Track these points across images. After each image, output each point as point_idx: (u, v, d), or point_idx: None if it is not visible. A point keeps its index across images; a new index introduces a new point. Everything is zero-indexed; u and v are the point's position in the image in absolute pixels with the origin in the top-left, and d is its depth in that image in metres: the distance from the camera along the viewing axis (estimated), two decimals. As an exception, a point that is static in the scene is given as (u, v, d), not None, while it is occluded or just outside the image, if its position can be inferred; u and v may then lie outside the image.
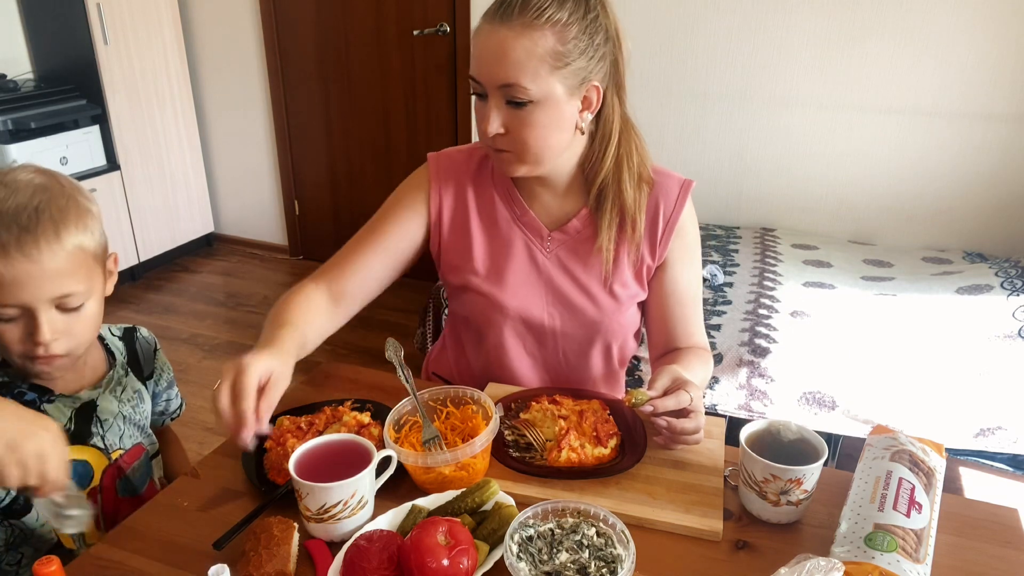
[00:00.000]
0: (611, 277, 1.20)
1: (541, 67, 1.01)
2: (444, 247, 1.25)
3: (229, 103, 3.82)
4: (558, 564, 0.79)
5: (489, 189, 1.22)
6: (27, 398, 0.98)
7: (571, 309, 1.22)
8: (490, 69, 1.03)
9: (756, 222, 2.99)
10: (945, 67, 2.57)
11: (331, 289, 1.19)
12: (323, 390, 1.21)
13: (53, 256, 0.90)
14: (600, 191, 1.16)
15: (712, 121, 2.93)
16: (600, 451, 1.00)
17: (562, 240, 1.21)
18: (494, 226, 1.22)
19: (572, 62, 1.03)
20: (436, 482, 0.94)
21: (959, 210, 2.72)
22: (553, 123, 1.06)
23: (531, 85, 1.02)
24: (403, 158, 3.54)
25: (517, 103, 1.04)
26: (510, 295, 1.21)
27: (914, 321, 2.07)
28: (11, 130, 2.98)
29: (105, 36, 3.24)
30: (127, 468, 1.09)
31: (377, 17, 3.33)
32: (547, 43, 1.01)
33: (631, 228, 1.18)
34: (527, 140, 1.07)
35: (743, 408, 1.93)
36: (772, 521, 0.92)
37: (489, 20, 1.03)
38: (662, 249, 1.20)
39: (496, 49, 1.01)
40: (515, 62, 1.01)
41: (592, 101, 1.09)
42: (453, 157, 1.25)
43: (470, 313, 1.26)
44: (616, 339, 1.26)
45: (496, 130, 1.06)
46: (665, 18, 2.86)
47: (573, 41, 1.02)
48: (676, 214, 1.19)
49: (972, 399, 1.83)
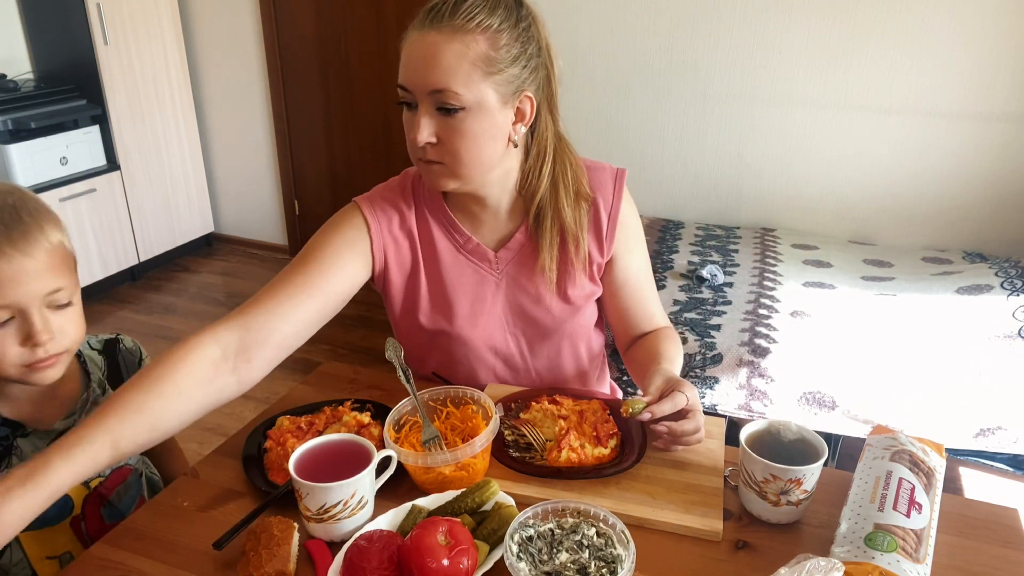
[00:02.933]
0: (562, 285, 1.19)
1: (473, 72, 0.99)
2: (393, 294, 1.19)
3: (229, 103, 3.82)
4: (558, 564, 0.79)
5: (426, 223, 1.17)
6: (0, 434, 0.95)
7: (531, 323, 1.22)
8: (420, 75, 1.00)
9: (756, 222, 2.99)
10: (945, 67, 2.57)
11: (244, 338, 0.98)
12: (323, 390, 1.21)
13: (42, 251, 0.89)
14: (539, 211, 1.15)
15: (712, 121, 2.93)
16: (600, 451, 1.00)
17: (508, 258, 1.19)
18: (437, 261, 1.18)
19: (505, 69, 1.01)
20: (436, 482, 0.94)
21: (959, 210, 2.72)
22: (486, 132, 1.03)
23: (463, 90, 0.99)
24: (403, 158, 3.53)
25: (448, 109, 1.01)
26: (469, 328, 1.19)
27: (914, 321, 2.07)
28: (11, 130, 2.98)
29: (105, 36, 3.24)
30: (109, 494, 1.06)
31: (377, 17, 3.33)
32: (479, 48, 0.99)
33: (574, 246, 1.16)
34: (459, 150, 1.03)
35: (743, 408, 1.93)
36: (772, 521, 0.92)
37: (418, 27, 1.02)
38: (608, 245, 1.20)
39: (426, 54, 0.99)
40: (447, 67, 0.99)
41: (526, 113, 1.07)
42: (385, 196, 1.17)
43: (435, 352, 1.23)
44: (581, 339, 1.27)
45: (427, 139, 1.02)
46: (665, 18, 2.86)
47: (505, 47, 1.01)
48: (616, 208, 1.19)
49: (972, 399, 1.83)
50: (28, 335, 0.89)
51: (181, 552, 0.87)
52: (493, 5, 1.01)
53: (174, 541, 0.89)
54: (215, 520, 0.92)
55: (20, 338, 0.89)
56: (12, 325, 0.89)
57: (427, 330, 1.20)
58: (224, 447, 1.07)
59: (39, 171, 3.08)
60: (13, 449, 0.96)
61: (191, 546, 0.88)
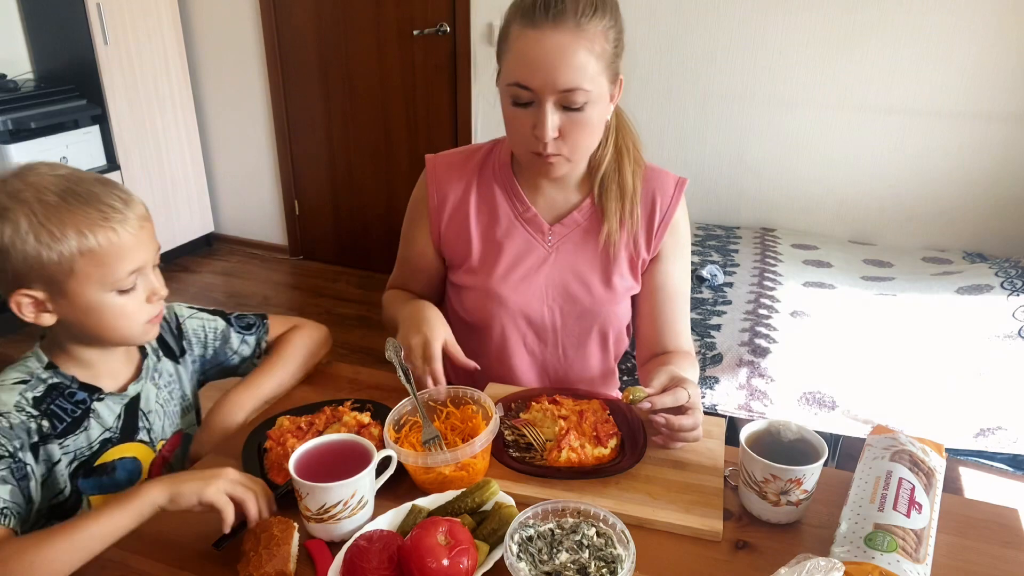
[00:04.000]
0: (612, 265, 1.21)
1: (598, 69, 1.02)
2: (446, 245, 1.26)
3: (229, 103, 3.82)
4: (558, 564, 0.79)
5: (491, 186, 1.23)
6: (78, 397, 0.99)
7: (570, 301, 1.23)
8: (549, 76, 1.01)
9: (756, 222, 2.99)
10: (945, 67, 2.57)
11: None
12: (323, 390, 1.21)
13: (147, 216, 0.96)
14: (603, 180, 1.18)
15: (712, 121, 2.93)
16: (600, 451, 1.00)
17: (563, 233, 1.22)
18: (495, 224, 1.23)
19: (615, 60, 1.05)
20: (436, 482, 0.94)
21: (959, 210, 2.72)
22: (600, 119, 1.09)
23: (591, 87, 1.02)
24: (403, 158, 3.55)
25: (574, 108, 1.04)
26: (509, 289, 1.22)
27: (914, 321, 2.07)
28: (11, 130, 2.98)
29: (105, 36, 3.24)
30: (171, 457, 1.11)
31: (377, 17, 3.33)
32: (600, 44, 1.02)
33: (629, 215, 1.19)
34: (580, 141, 1.08)
35: (743, 408, 1.93)
36: (772, 521, 0.92)
37: (534, 24, 1.01)
38: (656, 242, 1.22)
39: (555, 55, 1.00)
40: (578, 67, 1.00)
41: (615, 94, 1.11)
42: (451, 158, 1.26)
43: (471, 311, 1.26)
44: (612, 327, 1.27)
45: (554, 135, 1.05)
46: (665, 18, 2.86)
47: (615, 40, 1.04)
48: (672, 210, 1.21)
49: (972, 399, 1.83)
50: (152, 291, 0.96)
51: (181, 552, 0.87)
52: (602, 2, 1.03)
53: (174, 541, 0.89)
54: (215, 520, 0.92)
55: (145, 295, 0.96)
56: (139, 285, 0.95)
57: (470, 286, 1.24)
58: (224, 447, 1.07)
59: (39, 171, 3.08)
60: (90, 412, 1.01)
61: (191, 546, 0.88)
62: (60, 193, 0.89)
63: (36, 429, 0.94)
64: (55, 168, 0.93)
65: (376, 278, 3.72)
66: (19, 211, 0.87)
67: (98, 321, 0.93)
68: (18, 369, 0.98)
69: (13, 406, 0.93)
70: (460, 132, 3.37)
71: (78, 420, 0.99)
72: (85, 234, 0.88)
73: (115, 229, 0.90)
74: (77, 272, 0.89)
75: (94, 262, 0.89)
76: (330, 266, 3.88)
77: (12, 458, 0.90)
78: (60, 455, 0.98)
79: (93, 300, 0.91)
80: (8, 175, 0.91)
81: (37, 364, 0.99)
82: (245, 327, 1.21)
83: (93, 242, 0.89)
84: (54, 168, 0.93)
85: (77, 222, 0.88)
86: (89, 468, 1.01)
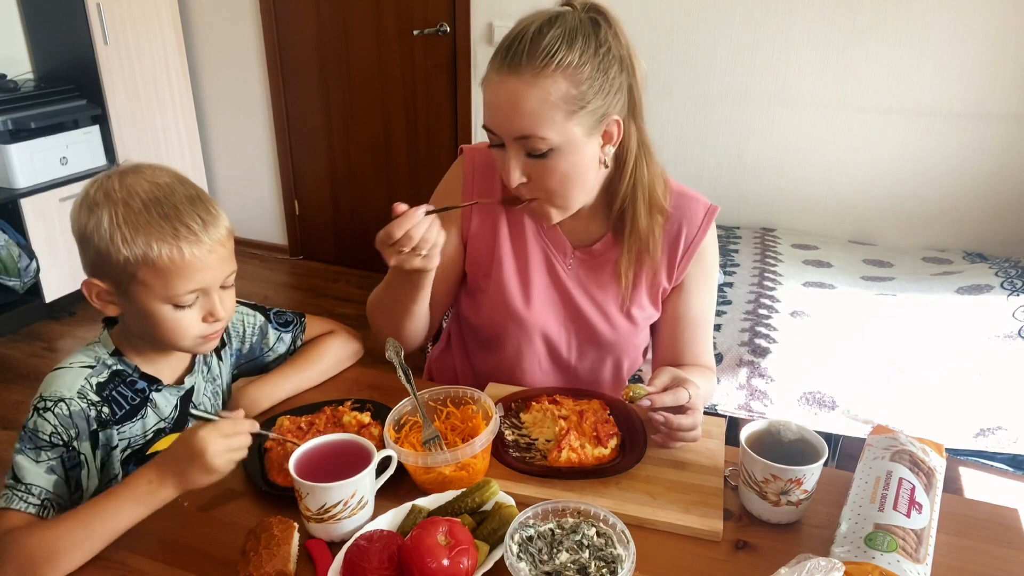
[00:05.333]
0: (628, 301, 1.19)
1: (556, 114, 0.97)
2: (472, 248, 1.22)
3: (229, 103, 3.82)
4: (558, 564, 0.79)
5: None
6: (138, 386, 1.03)
7: (588, 328, 1.21)
8: (504, 121, 1.00)
9: (756, 222, 2.99)
10: (945, 67, 2.57)
11: None
12: (323, 390, 1.21)
13: (225, 239, 0.99)
14: (620, 213, 1.15)
15: (712, 121, 2.93)
16: (600, 451, 1.00)
17: (584, 259, 1.19)
18: (521, 236, 1.19)
19: (588, 103, 0.99)
20: (436, 482, 0.94)
21: (959, 210, 2.72)
22: (576, 166, 1.03)
23: (549, 134, 0.98)
24: (403, 158, 3.54)
25: (537, 154, 1.01)
26: (532, 309, 1.20)
27: (914, 321, 2.07)
28: (11, 130, 2.98)
29: (105, 36, 3.24)
30: None
31: (377, 17, 3.33)
32: (560, 89, 0.96)
33: (647, 255, 1.16)
34: (551, 187, 1.04)
35: (743, 408, 1.93)
36: (772, 521, 0.91)
37: (496, 69, 0.99)
38: (679, 272, 1.19)
39: (508, 100, 0.98)
40: (529, 113, 0.97)
41: (613, 135, 1.05)
42: (489, 155, 1.20)
43: (487, 322, 1.24)
44: (628, 358, 1.27)
45: (519, 180, 1.03)
46: (665, 18, 2.85)
47: (587, 82, 0.98)
48: (699, 239, 1.18)
49: (972, 399, 1.83)
50: (209, 312, 0.98)
51: (181, 552, 0.88)
52: (571, 37, 0.97)
53: (174, 541, 0.89)
54: (215, 520, 0.92)
55: (204, 313, 0.98)
56: (197, 304, 0.97)
57: (489, 297, 1.21)
58: (224, 447, 1.07)
59: (39, 171, 3.08)
60: (148, 402, 1.04)
61: (191, 546, 0.88)
62: (146, 202, 0.92)
63: (96, 416, 0.97)
64: (158, 174, 0.96)
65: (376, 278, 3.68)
66: (106, 209, 0.91)
67: (152, 326, 0.97)
68: (86, 352, 1.01)
69: (76, 393, 0.96)
70: (460, 132, 3.37)
71: (136, 408, 1.02)
72: (152, 246, 0.91)
73: (181, 249, 0.92)
74: (138, 278, 0.92)
75: (155, 274, 0.92)
76: (330, 266, 3.87)
77: (66, 447, 0.93)
78: (117, 440, 1.01)
79: (150, 307, 0.95)
80: (115, 171, 0.96)
81: (103, 350, 1.01)
82: (283, 324, 1.22)
83: (157, 255, 0.91)
84: (157, 174, 0.96)
85: (149, 233, 0.91)
86: (140, 456, 1.03)
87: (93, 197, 0.93)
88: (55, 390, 0.95)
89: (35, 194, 3.06)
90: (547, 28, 0.97)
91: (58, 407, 0.94)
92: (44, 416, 0.93)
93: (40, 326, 3.22)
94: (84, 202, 0.93)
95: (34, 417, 0.94)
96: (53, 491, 0.91)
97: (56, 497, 0.91)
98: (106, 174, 0.96)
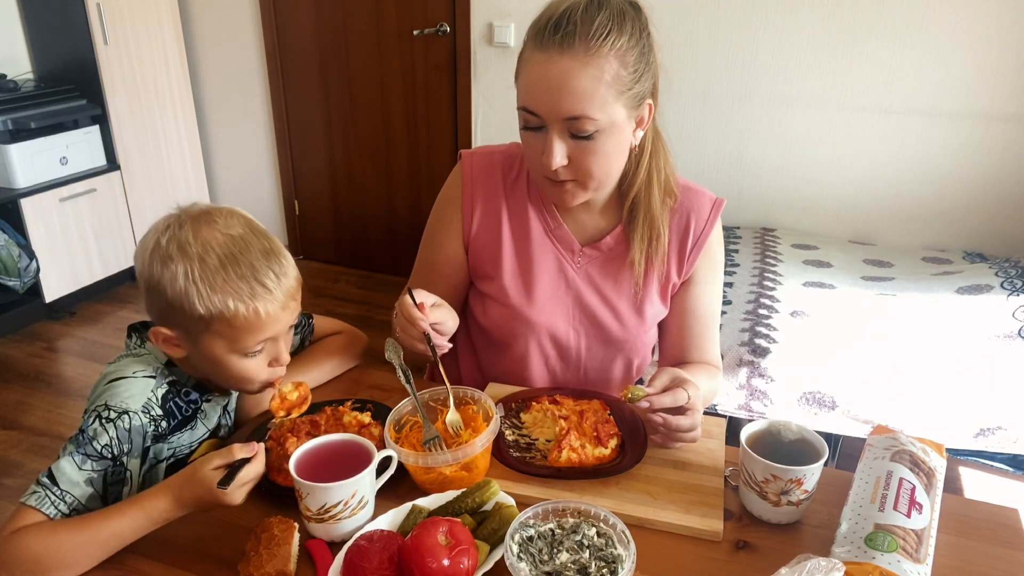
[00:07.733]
0: (642, 293, 1.19)
1: (608, 95, 0.97)
2: (473, 252, 1.22)
3: (229, 103, 3.82)
4: (558, 564, 0.79)
5: (523, 199, 1.19)
6: (191, 397, 1.03)
7: (597, 326, 1.21)
8: (553, 102, 0.98)
9: (756, 222, 2.99)
10: (945, 67, 2.57)
11: None
12: (323, 390, 1.21)
13: (296, 291, 0.99)
14: (633, 205, 1.14)
15: (712, 121, 2.93)
16: (600, 451, 1.00)
17: (593, 256, 1.19)
18: (526, 237, 1.19)
19: (634, 85, 1.00)
20: (436, 482, 0.94)
21: (959, 210, 2.72)
22: (616, 148, 1.04)
23: (598, 115, 0.98)
24: (403, 158, 3.54)
25: (582, 136, 1.00)
26: (538, 310, 1.19)
27: (914, 321, 2.07)
28: (11, 130, 2.98)
29: (105, 36, 3.24)
30: None
31: (377, 17, 3.33)
32: (612, 70, 0.97)
33: (657, 241, 1.16)
34: (592, 169, 1.03)
35: (743, 408, 1.93)
36: (772, 521, 0.92)
37: (543, 48, 0.98)
38: (688, 266, 1.19)
39: (559, 80, 0.97)
40: (583, 94, 0.96)
41: (644, 119, 1.06)
42: (489, 158, 1.20)
43: (493, 323, 1.23)
44: (638, 356, 1.26)
45: (560, 162, 1.02)
46: (665, 18, 2.85)
47: (634, 64, 0.99)
48: (706, 232, 1.18)
49: (972, 399, 1.83)
50: (275, 358, 1.00)
51: (181, 552, 0.87)
52: (620, 20, 0.98)
53: (174, 541, 0.89)
54: (215, 520, 0.92)
55: (268, 360, 0.99)
56: (264, 351, 0.98)
57: (496, 300, 1.20)
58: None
59: (39, 171, 3.08)
60: (200, 412, 1.05)
61: (191, 546, 0.88)
62: (223, 257, 0.92)
63: (152, 431, 0.97)
64: (231, 224, 0.95)
65: (376, 278, 3.72)
66: (181, 264, 0.91)
67: (218, 372, 0.98)
68: (140, 361, 1.00)
69: (140, 408, 0.95)
70: (460, 132, 3.37)
71: (187, 419, 1.03)
72: (229, 305, 0.91)
73: (258, 309, 0.92)
74: (211, 331, 0.93)
75: (228, 328, 0.93)
76: (330, 266, 3.88)
77: (114, 461, 0.92)
78: (166, 453, 1.01)
79: (218, 356, 0.96)
80: (187, 219, 0.94)
81: (155, 360, 1.01)
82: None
83: (234, 313, 0.91)
84: (230, 224, 0.95)
85: (226, 291, 0.91)
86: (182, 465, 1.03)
87: (166, 249, 0.91)
88: (122, 401, 0.93)
89: (35, 194, 3.06)
90: (594, 10, 0.98)
91: (121, 419, 0.92)
92: (106, 426, 0.91)
93: (40, 326, 3.22)
94: (156, 252, 0.92)
95: (95, 424, 0.91)
96: (85, 504, 0.89)
97: (85, 510, 0.89)
98: (176, 219, 0.94)
